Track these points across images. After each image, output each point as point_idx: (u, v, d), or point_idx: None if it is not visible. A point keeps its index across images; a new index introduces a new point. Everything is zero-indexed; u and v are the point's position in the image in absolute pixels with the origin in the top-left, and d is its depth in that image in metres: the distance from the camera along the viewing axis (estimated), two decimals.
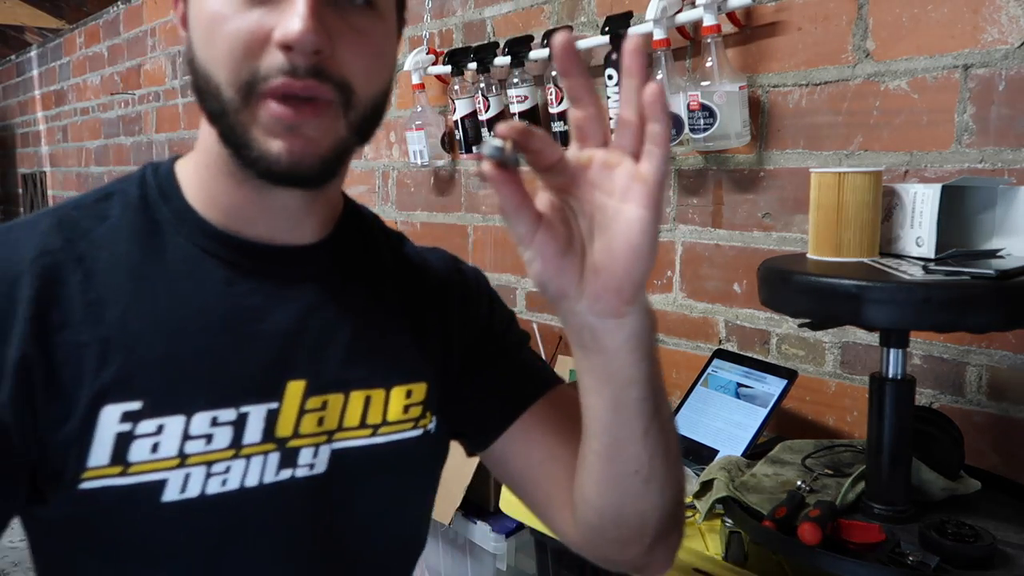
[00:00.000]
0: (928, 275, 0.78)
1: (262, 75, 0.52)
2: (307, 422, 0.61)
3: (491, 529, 1.28)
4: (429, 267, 0.73)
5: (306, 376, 0.61)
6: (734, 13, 1.27)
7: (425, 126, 1.81)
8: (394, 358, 0.66)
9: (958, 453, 0.93)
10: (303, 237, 0.63)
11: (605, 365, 0.53)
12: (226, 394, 0.58)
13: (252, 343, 0.59)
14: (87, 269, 0.57)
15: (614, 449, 0.57)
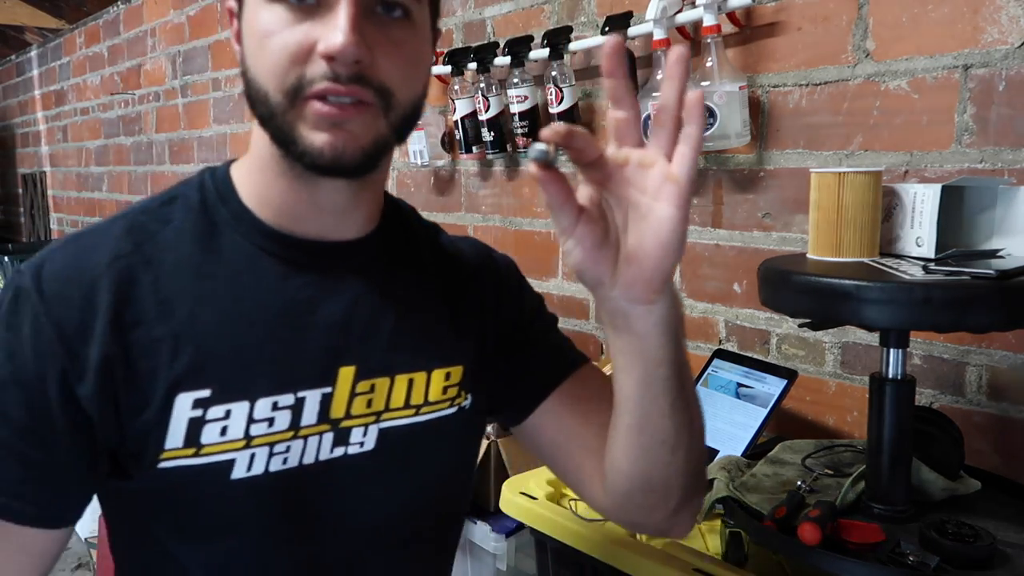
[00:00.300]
0: (928, 275, 0.78)
1: (307, 80, 0.57)
2: (357, 404, 0.67)
3: (491, 529, 1.28)
4: (464, 256, 0.79)
5: (356, 362, 0.67)
6: (734, 13, 1.27)
7: (425, 126, 1.81)
8: (434, 343, 0.72)
9: (958, 453, 0.93)
10: (349, 232, 0.69)
11: (636, 346, 0.60)
12: (285, 381, 0.63)
13: (307, 333, 0.65)
14: (156, 270, 0.62)
15: (644, 421, 0.63)
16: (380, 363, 0.68)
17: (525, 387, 0.77)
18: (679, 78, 0.52)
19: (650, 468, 0.66)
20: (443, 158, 1.86)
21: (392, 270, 0.72)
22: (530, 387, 0.77)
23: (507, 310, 0.79)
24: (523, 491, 1.09)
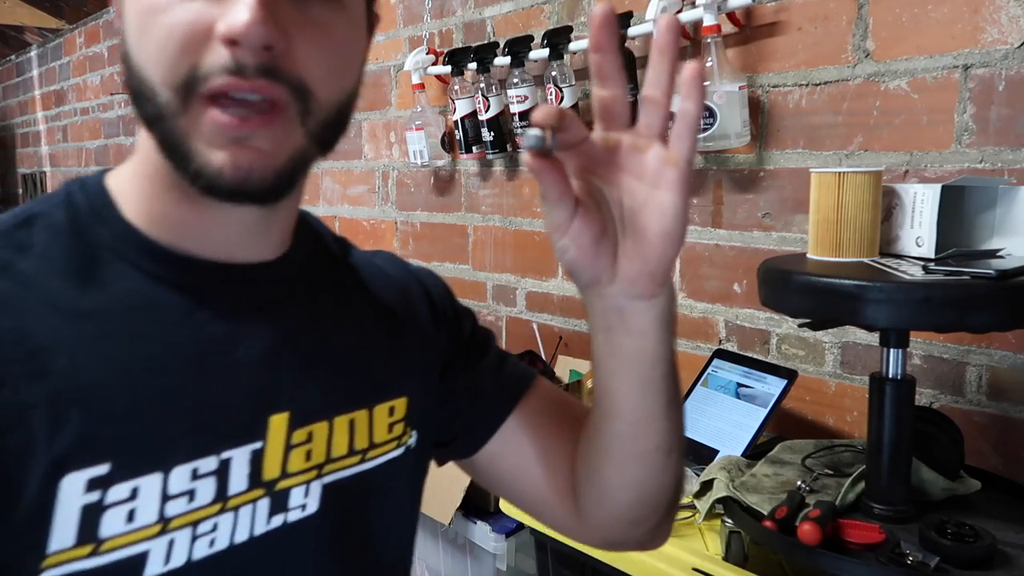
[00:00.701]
0: (928, 275, 0.78)
1: (203, 73, 0.45)
2: (295, 459, 0.55)
3: (491, 529, 1.28)
4: (388, 275, 0.68)
5: (288, 407, 0.54)
6: (734, 13, 1.27)
7: (425, 126, 1.81)
8: (373, 375, 0.61)
9: (958, 453, 0.93)
10: (263, 253, 0.56)
11: (633, 346, 0.54)
12: (204, 440, 0.50)
13: (224, 378, 0.52)
14: (16, 313, 0.47)
15: (640, 427, 0.58)
16: (316, 405, 0.56)
17: (478, 413, 0.68)
18: (669, 50, 0.47)
19: (645, 478, 0.60)
20: (443, 158, 1.86)
21: (315, 294, 0.60)
22: (484, 413, 0.68)
23: (446, 331, 0.69)
24: None
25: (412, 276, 0.71)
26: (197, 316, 0.52)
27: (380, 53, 2.05)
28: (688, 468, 1.10)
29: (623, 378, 0.56)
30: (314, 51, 0.48)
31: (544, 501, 0.68)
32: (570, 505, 0.66)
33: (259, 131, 0.46)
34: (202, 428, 0.50)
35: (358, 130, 2.15)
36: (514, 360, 0.73)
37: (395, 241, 2.10)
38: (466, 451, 0.69)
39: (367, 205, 2.17)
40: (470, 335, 0.71)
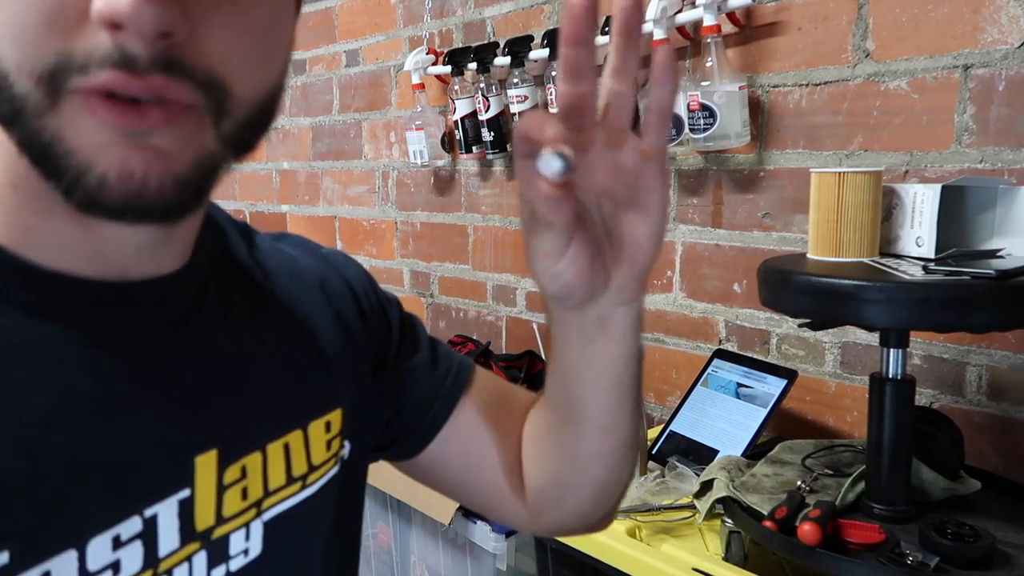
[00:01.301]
0: (928, 275, 0.78)
1: (77, 64, 0.34)
2: (230, 500, 0.47)
3: (491, 529, 1.28)
4: (303, 268, 0.60)
5: (214, 444, 0.46)
6: (734, 13, 1.27)
7: (425, 126, 1.81)
8: (302, 389, 0.54)
9: (958, 453, 0.93)
10: (162, 266, 0.46)
11: (611, 352, 0.50)
12: (122, 500, 0.42)
13: (135, 421, 0.43)
14: None
15: (608, 428, 0.55)
16: (245, 435, 0.49)
17: (417, 415, 0.64)
18: (635, 32, 0.42)
19: (607, 475, 0.58)
20: (443, 158, 1.86)
21: (226, 304, 0.51)
22: (423, 414, 0.64)
23: (374, 326, 0.62)
24: None
25: (330, 266, 0.62)
26: (92, 351, 0.42)
27: (380, 53, 2.05)
28: (688, 468, 1.10)
29: (597, 384, 0.53)
30: (229, 36, 0.37)
31: (494, 497, 0.65)
32: (521, 499, 0.64)
33: (160, 127, 0.36)
34: (117, 486, 0.42)
35: (358, 130, 2.15)
36: (447, 351, 0.68)
37: (395, 241, 2.10)
38: (406, 454, 0.65)
39: (367, 205, 2.17)
40: (399, 328, 0.65)
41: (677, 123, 1.33)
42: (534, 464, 0.63)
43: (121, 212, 0.37)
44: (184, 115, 0.37)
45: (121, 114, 0.35)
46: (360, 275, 0.65)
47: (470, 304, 1.90)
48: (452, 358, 0.67)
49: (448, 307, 1.96)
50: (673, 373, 1.46)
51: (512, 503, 0.64)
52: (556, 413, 0.57)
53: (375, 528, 1.61)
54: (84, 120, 0.35)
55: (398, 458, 0.66)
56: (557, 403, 0.57)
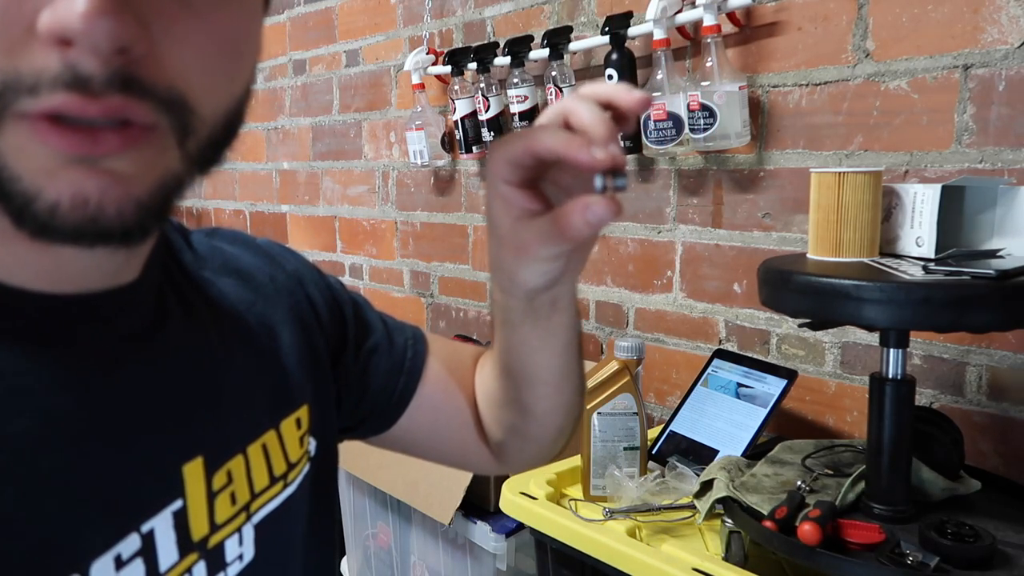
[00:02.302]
0: (928, 275, 0.78)
1: (25, 84, 0.31)
2: (221, 507, 0.47)
3: (491, 529, 1.28)
4: (247, 265, 0.58)
5: (199, 451, 0.46)
6: (734, 13, 1.27)
7: (425, 126, 1.81)
8: (270, 389, 0.54)
9: (958, 453, 0.93)
10: (121, 277, 0.44)
11: (560, 320, 0.55)
12: (119, 518, 0.41)
13: (120, 436, 0.42)
14: None
15: (562, 382, 0.61)
16: (226, 439, 0.48)
17: (383, 396, 0.65)
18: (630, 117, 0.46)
19: (564, 420, 0.65)
20: (443, 158, 1.86)
21: (188, 307, 0.49)
22: (393, 387, 0.65)
23: (327, 315, 0.62)
24: (523, 491, 1.09)
25: (274, 262, 0.61)
26: (63, 369, 0.40)
27: (380, 53, 2.05)
28: (688, 468, 1.10)
29: (551, 351, 0.58)
30: (191, 49, 0.34)
31: (461, 452, 0.70)
32: (486, 447, 0.69)
33: (117, 151, 0.33)
34: (111, 505, 0.40)
35: (358, 130, 2.15)
36: (397, 324, 0.70)
37: (395, 241, 2.10)
38: (376, 431, 0.68)
39: (367, 205, 2.17)
40: (352, 313, 0.66)
41: (677, 123, 1.33)
42: (494, 422, 0.68)
43: (77, 237, 0.34)
44: (145, 137, 0.34)
45: (74, 140, 0.32)
46: (305, 266, 0.65)
47: (470, 304, 1.90)
48: (405, 330, 0.70)
49: (448, 307, 1.96)
50: (673, 373, 1.46)
51: (478, 453, 0.69)
52: (512, 382, 0.62)
53: (375, 528, 1.61)
54: (31, 145, 0.32)
55: (368, 436, 0.69)
56: (513, 374, 0.61)
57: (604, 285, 1.59)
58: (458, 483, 1.30)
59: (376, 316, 0.69)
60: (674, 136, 1.34)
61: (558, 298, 0.53)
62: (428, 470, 1.38)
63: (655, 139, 1.36)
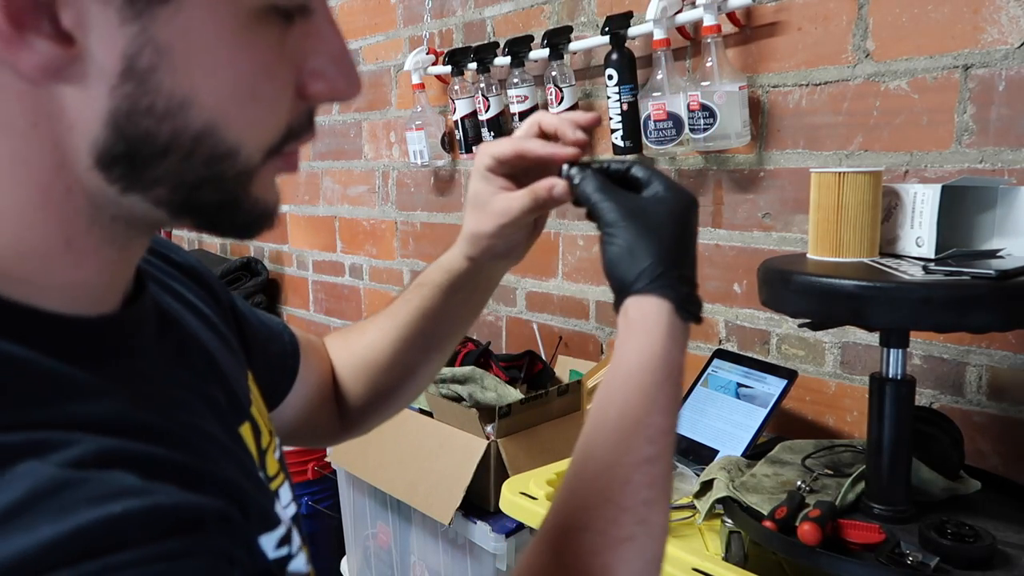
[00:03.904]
0: (928, 275, 0.78)
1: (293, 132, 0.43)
2: (270, 463, 0.54)
3: (491, 529, 1.28)
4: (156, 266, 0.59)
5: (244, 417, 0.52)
6: (734, 13, 1.27)
7: (425, 126, 1.81)
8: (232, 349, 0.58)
9: (958, 453, 0.93)
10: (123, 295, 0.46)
11: (482, 299, 0.75)
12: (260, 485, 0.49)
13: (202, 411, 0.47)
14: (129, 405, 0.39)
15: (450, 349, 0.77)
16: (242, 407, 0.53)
17: (278, 369, 0.69)
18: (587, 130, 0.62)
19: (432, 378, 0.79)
20: (443, 158, 1.86)
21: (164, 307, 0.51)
22: (282, 366, 0.70)
23: (221, 296, 0.63)
24: (523, 491, 1.09)
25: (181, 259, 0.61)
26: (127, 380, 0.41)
27: (380, 53, 2.05)
28: (688, 468, 1.10)
29: (464, 319, 0.74)
30: None
31: (321, 430, 0.77)
32: (337, 419, 0.76)
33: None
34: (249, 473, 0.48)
35: (358, 130, 2.15)
36: (265, 314, 0.72)
37: (395, 241, 2.10)
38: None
39: (367, 205, 2.17)
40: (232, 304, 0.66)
41: (677, 123, 1.33)
42: (366, 387, 0.75)
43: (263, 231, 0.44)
44: None
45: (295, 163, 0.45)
46: (199, 260, 0.65)
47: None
48: (272, 320, 0.73)
49: None
50: None
51: (329, 423, 0.76)
52: (419, 346, 0.73)
53: (375, 528, 1.61)
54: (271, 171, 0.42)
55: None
56: (425, 336, 0.72)
57: (604, 285, 1.59)
58: (458, 483, 1.31)
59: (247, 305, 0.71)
60: (674, 136, 1.34)
61: (493, 275, 0.72)
62: (428, 470, 1.38)
63: (655, 139, 1.36)
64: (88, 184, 0.38)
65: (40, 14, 0.33)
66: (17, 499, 0.29)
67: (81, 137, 0.36)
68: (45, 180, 0.37)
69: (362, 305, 2.28)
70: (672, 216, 0.55)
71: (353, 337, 0.77)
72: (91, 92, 0.35)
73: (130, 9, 0.34)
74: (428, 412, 1.46)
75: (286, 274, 2.58)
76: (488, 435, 1.33)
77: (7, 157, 0.36)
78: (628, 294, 0.55)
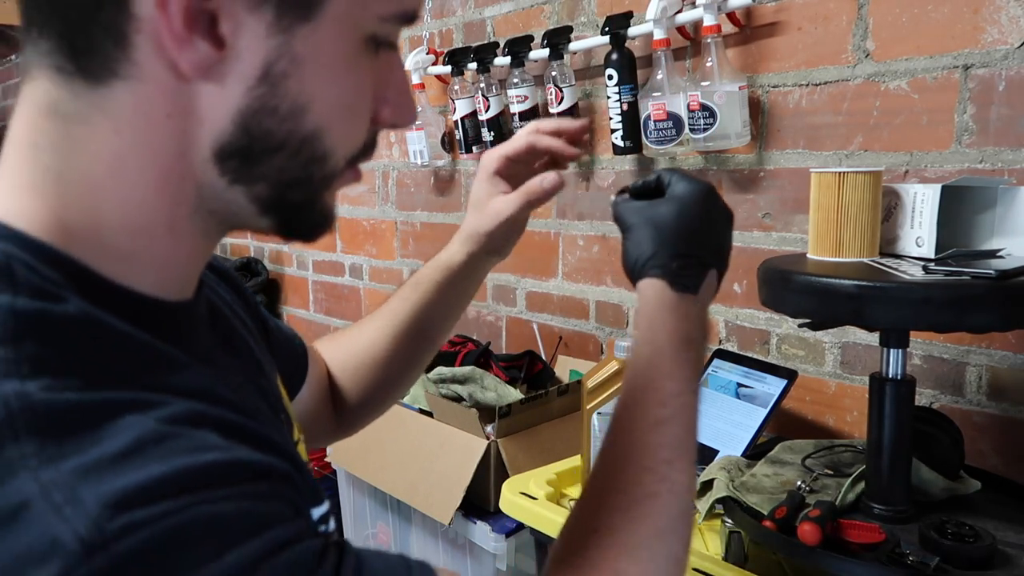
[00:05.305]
0: (928, 275, 0.78)
1: (365, 149, 0.51)
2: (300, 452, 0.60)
3: (491, 529, 1.28)
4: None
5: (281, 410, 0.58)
6: (734, 13, 1.27)
7: (425, 126, 1.81)
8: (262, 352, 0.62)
9: (958, 453, 0.93)
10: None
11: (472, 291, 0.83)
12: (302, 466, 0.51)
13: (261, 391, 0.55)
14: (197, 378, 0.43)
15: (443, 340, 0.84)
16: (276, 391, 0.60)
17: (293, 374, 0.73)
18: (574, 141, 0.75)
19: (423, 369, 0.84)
20: (443, 158, 1.86)
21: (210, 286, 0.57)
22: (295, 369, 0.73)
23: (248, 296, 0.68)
24: (523, 491, 1.09)
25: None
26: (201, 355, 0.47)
27: None
28: None
29: (456, 312, 0.82)
30: None
31: (319, 429, 0.78)
32: (334, 421, 0.79)
33: None
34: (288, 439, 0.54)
35: None
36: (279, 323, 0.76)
37: (395, 241, 2.10)
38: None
39: (367, 205, 2.17)
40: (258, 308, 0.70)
41: (677, 123, 1.33)
42: (365, 383, 0.79)
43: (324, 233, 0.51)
44: None
45: (359, 176, 0.52)
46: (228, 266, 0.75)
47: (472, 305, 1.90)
48: (284, 325, 0.77)
49: None
50: None
51: (327, 428, 0.79)
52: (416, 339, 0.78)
53: (375, 528, 1.61)
54: (342, 183, 0.50)
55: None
56: (422, 329, 0.78)
57: (604, 285, 1.59)
58: (458, 483, 1.31)
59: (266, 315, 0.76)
60: (674, 136, 1.34)
61: (483, 270, 0.81)
62: (428, 470, 1.38)
63: (655, 139, 1.36)
64: (201, 175, 0.43)
65: (205, 20, 0.39)
66: (128, 444, 0.34)
67: (207, 131, 0.41)
68: (165, 166, 0.42)
69: (362, 305, 2.28)
70: (679, 208, 0.61)
71: (346, 339, 0.81)
72: (228, 91, 0.41)
73: (277, 24, 0.40)
74: (428, 412, 1.46)
75: (286, 274, 2.58)
76: (488, 435, 1.33)
77: (137, 142, 0.41)
78: (634, 283, 0.61)
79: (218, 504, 0.35)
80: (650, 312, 0.58)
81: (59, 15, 0.39)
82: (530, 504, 1.06)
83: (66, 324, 0.37)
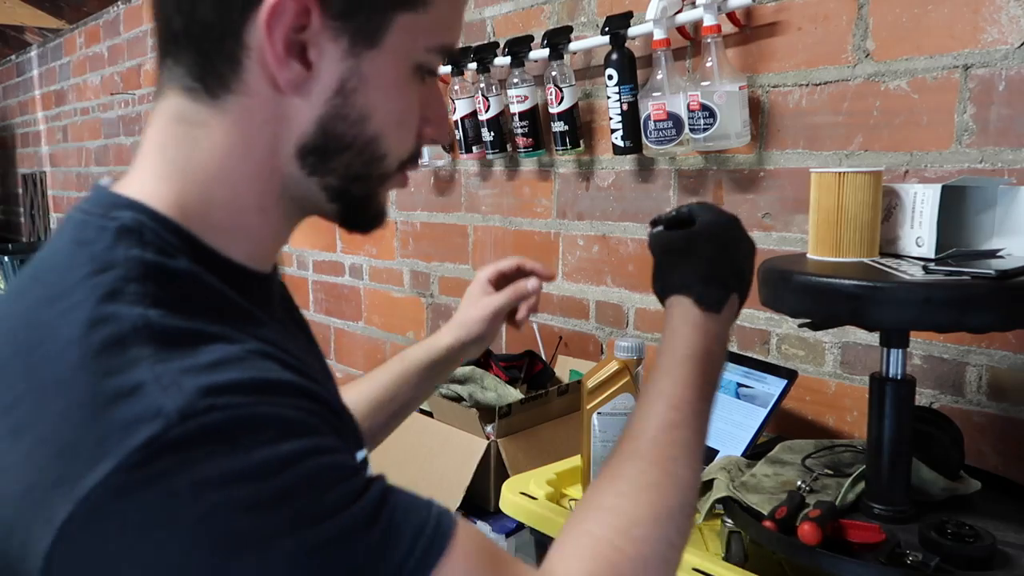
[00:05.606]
0: (928, 275, 0.78)
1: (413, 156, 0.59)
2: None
3: (491, 529, 1.28)
4: None
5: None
6: (734, 13, 1.27)
7: None
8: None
9: (958, 453, 0.93)
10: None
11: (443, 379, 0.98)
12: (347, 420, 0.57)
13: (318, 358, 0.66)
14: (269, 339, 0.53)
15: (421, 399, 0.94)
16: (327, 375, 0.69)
17: None
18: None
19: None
20: (443, 158, 1.86)
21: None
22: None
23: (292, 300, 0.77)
24: (523, 491, 1.09)
25: None
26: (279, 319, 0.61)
27: None
28: None
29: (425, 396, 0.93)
30: None
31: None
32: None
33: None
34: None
35: None
36: None
37: (395, 241, 2.10)
38: None
39: None
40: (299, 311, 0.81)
41: (677, 123, 1.33)
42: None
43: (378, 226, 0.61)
44: None
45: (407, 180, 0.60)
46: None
47: None
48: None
49: (448, 307, 1.96)
50: None
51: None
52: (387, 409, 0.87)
53: None
54: (393, 185, 0.59)
55: None
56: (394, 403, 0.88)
57: (604, 285, 1.59)
58: (458, 483, 1.30)
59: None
60: (674, 136, 1.34)
61: (461, 358, 0.92)
62: (428, 470, 1.38)
63: (655, 139, 1.36)
64: (286, 168, 0.54)
65: (298, 47, 0.50)
66: (217, 358, 0.45)
67: (294, 133, 0.53)
68: (260, 161, 0.53)
69: (362, 305, 2.28)
70: (707, 236, 0.70)
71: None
72: (312, 101, 0.52)
73: (350, 51, 0.52)
74: (428, 412, 1.46)
75: (286, 274, 2.58)
76: (488, 435, 1.33)
77: (241, 142, 0.52)
78: (663, 301, 0.71)
79: (277, 408, 0.45)
80: (675, 326, 0.67)
81: (193, 48, 0.51)
82: (530, 504, 1.06)
83: (178, 275, 0.49)
